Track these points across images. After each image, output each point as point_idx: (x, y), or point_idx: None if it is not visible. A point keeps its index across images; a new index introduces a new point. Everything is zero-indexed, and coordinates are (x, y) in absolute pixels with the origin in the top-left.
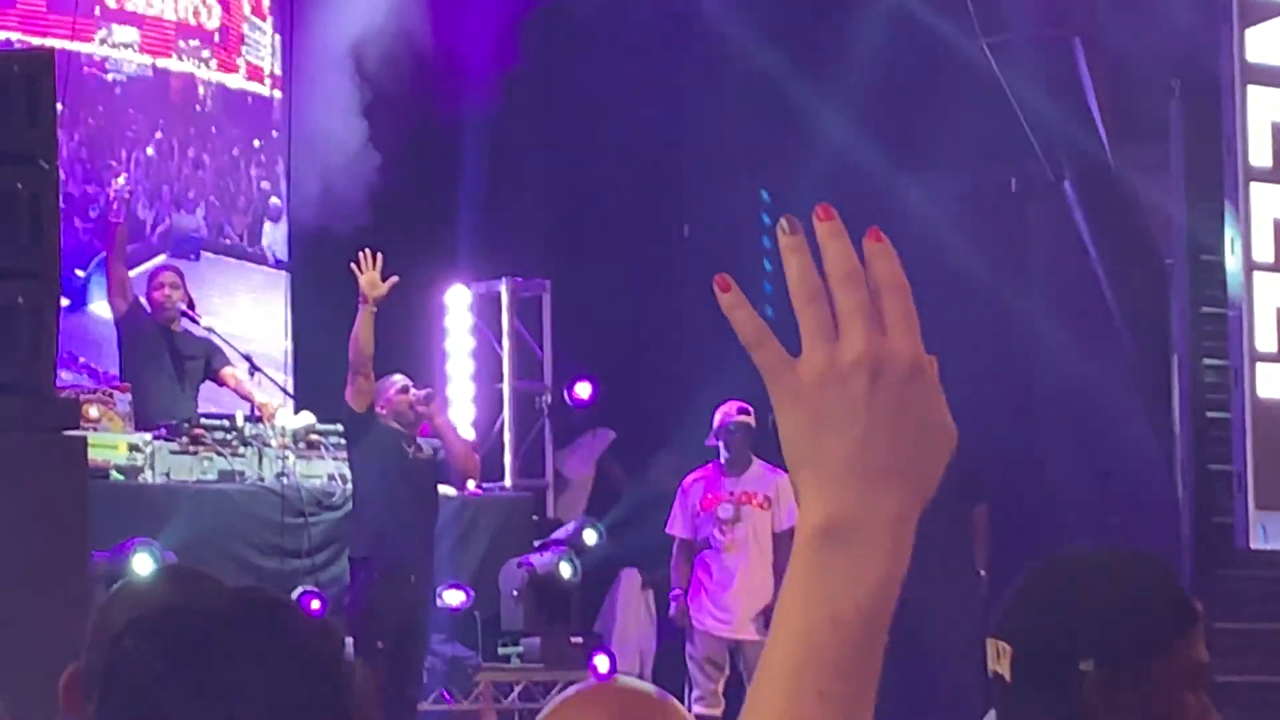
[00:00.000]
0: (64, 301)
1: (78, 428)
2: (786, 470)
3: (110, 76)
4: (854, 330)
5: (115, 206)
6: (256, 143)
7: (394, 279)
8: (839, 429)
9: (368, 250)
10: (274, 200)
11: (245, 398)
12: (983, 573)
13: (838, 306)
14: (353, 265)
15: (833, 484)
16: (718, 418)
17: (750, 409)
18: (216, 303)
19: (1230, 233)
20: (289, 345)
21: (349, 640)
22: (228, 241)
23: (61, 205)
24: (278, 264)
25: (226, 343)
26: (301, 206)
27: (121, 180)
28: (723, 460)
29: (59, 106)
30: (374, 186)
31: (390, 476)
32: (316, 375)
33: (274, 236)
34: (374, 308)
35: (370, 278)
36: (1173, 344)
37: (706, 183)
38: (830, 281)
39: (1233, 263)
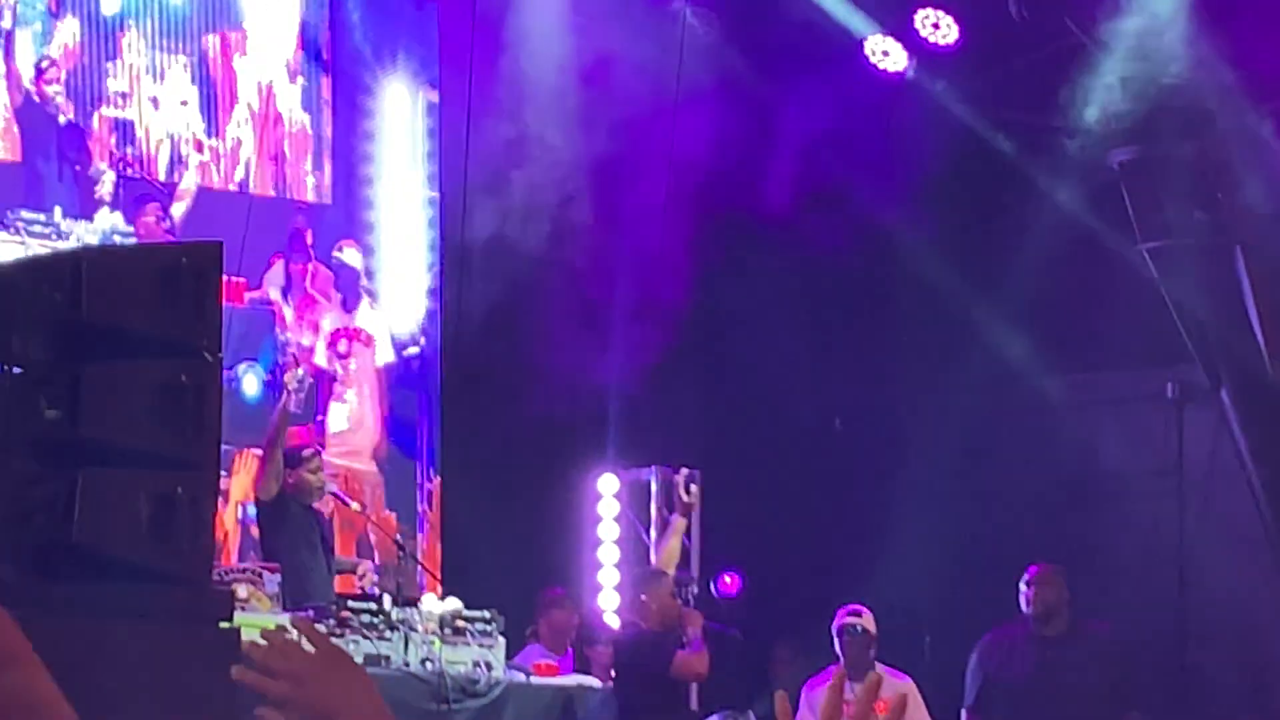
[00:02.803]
0: None
1: (231, 619)
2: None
3: None
4: None
5: (294, 397)
6: None
7: None
8: None
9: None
10: None
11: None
12: None
13: None
14: None
15: None
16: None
17: (864, 610)
18: None
19: None
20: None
21: None
22: None
23: None
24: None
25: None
26: (453, 396)
27: (301, 372)
28: (843, 664)
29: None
30: (525, 372)
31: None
32: (464, 560)
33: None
34: None
35: None
36: None
37: (859, 377)
38: None
39: None
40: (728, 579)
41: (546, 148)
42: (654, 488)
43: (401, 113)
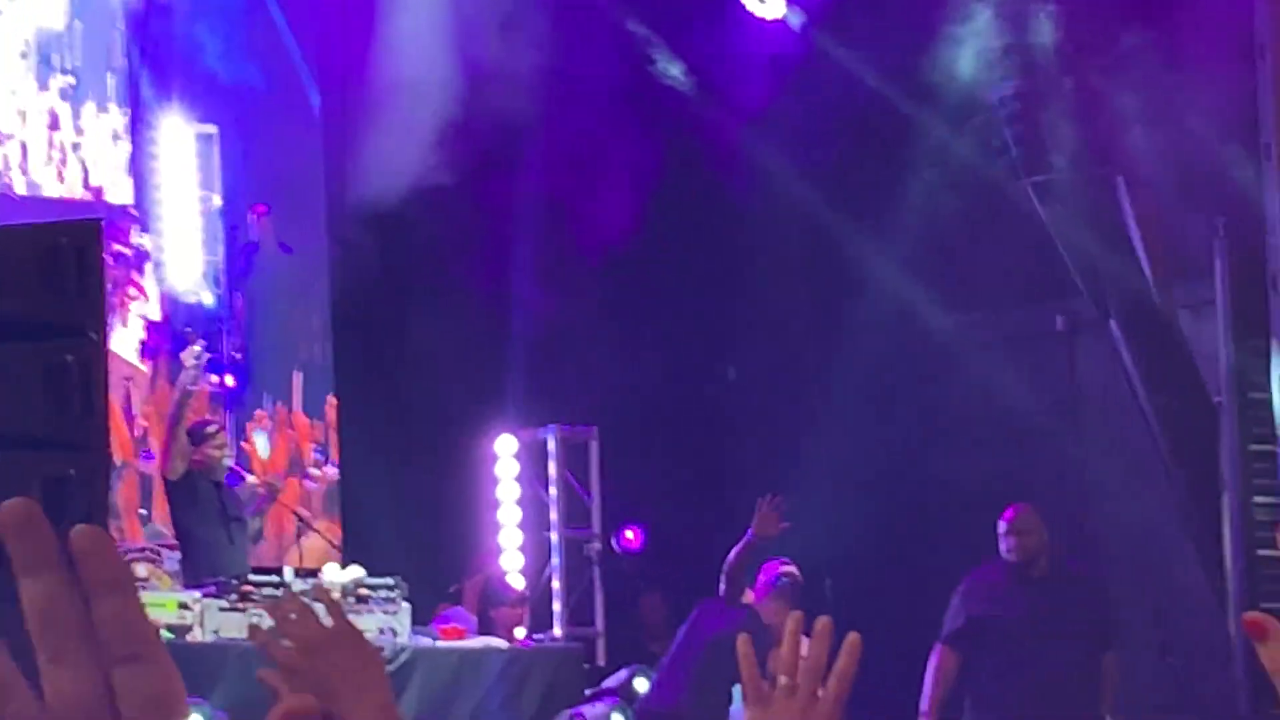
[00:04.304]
0: None
1: None
2: None
3: None
4: None
5: (191, 375)
6: None
7: None
8: None
9: None
10: None
11: None
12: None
13: None
14: None
15: None
16: (761, 577)
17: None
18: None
19: (1278, 370)
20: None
21: None
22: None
23: None
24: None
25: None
26: (348, 363)
27: (198, 348)
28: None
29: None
30: (421, 338)
31: None
32: (365, 526)
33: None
34: None
35: None
36: (1222, 482)
37: (751, 325)
38: None
39: None
40: (629, 534)
41: (430, 105)
42: (552, 446)
43: (178, 140)
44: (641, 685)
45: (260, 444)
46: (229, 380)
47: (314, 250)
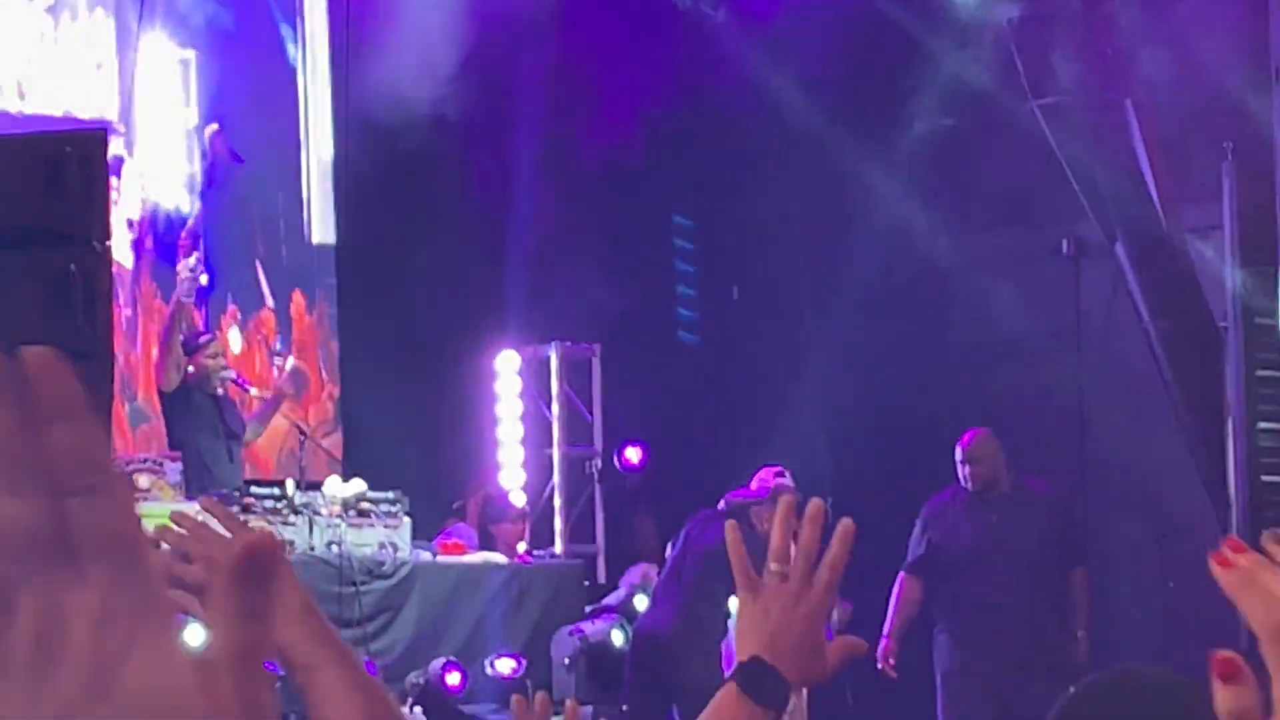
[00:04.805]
0: None
1: None
2: None
3: None
4: None
5: (186, 287)
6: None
7: None
8: None
9: None
10: None
11: None
12: (1081, 634)
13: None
14: None
15: None
16: (755, 484)
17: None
18: None
19: None
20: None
21: None
22: None
23: None
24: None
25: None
26: (350, 280)
27: (193, 260)
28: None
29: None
30: (422, 254)
31: None
32: (366, 441)
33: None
34: None
35: None
36: (1227, 407)
37: (755, 244)
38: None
39: None
40: (631, 452)
41: (432, 21)
42: (554, 363)
43: (160, 59)
44: (641, 603)
45: (233, 339)
46: (203, 279)
47: (276, 165)
